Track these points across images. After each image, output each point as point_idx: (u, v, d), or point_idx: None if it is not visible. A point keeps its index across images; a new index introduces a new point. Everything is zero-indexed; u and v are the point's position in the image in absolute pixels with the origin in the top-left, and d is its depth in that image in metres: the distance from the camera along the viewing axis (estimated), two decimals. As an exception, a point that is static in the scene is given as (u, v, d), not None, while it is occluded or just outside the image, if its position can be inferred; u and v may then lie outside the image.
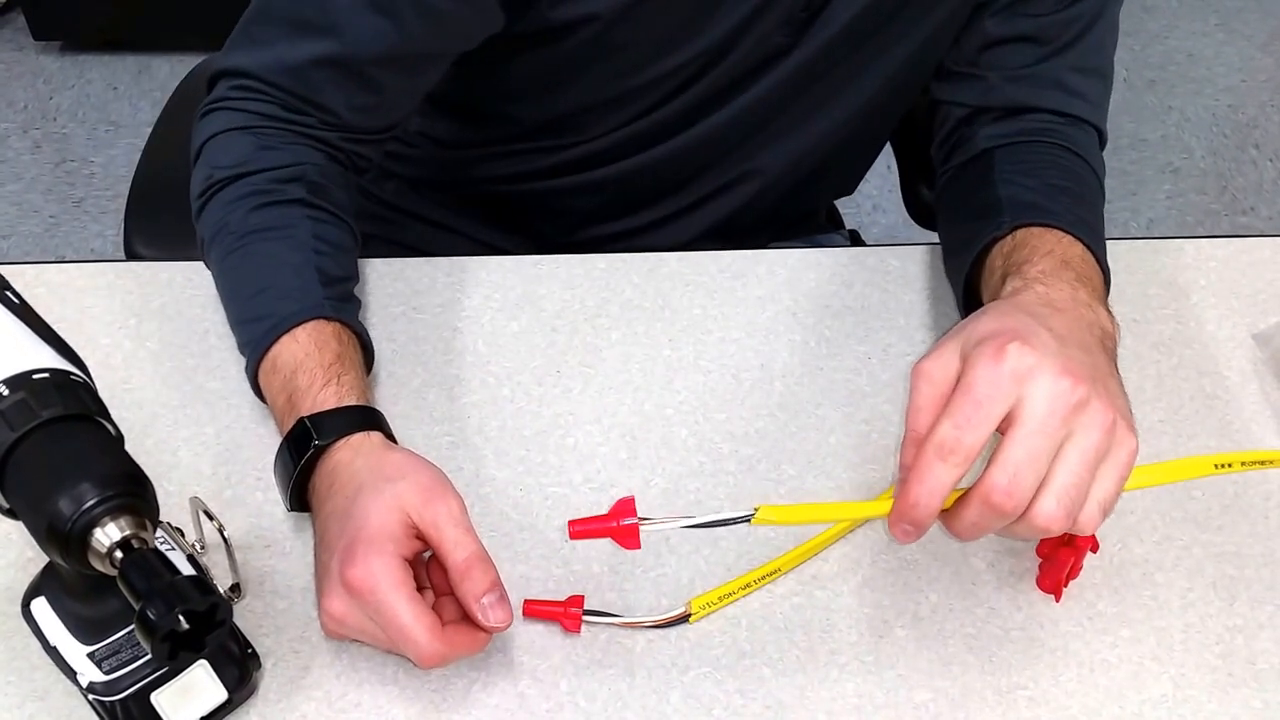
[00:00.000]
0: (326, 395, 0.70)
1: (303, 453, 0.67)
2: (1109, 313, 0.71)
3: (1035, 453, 0.57)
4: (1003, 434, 0.58)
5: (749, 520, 0.61)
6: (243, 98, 0.80)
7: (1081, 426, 0.57)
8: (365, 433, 0.68)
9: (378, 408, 0.72)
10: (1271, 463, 0.72)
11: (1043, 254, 0.74)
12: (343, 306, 0.76)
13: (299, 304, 0.74)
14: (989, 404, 0.57)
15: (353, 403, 0.70)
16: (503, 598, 0.62)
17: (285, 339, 0.72)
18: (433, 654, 0.61)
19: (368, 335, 0.77)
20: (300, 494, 0.69)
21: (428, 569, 0.66)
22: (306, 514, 0.71)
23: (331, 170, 0.82)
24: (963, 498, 0.58)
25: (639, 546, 0.62)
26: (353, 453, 0.67)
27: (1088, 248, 0.76)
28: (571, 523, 0.62)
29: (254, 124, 0.80)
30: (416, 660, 0.62)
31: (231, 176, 0.78)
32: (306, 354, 0.72)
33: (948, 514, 0.60)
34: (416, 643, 0.60)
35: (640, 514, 0.61)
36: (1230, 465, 0.66)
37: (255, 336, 0.74)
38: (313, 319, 0.73)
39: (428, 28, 0.77)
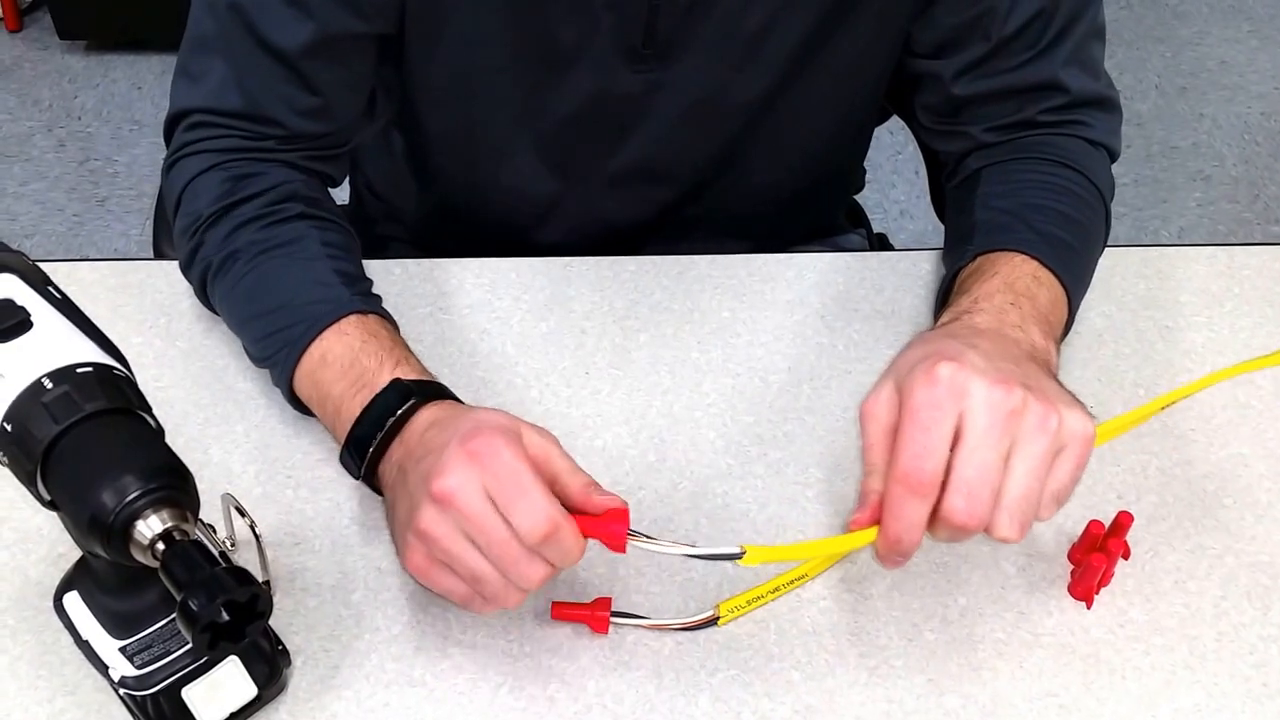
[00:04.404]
0: (404, 371, 0.70)
1: (401, 404, 0.67)
2: (1045, 331, 0.71)
3: (984, 468, 0.59)
4: (951, 451, 0.59)
5: (736, 558, 0.62)
6: (203, 138, 0.82)
7: (1024, 434, 0.59)
8: (453, 402, 0.69)
9: None
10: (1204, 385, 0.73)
11: (987, 278, 0.75)
12: (372, 301, 0.77)
13: (332, 304, 0.74)
14: (935, 427, 0.59)
15: (430, 379, 0.71)
16: (606, 492, 0.62)
17: (330, 334, 0.73)
18: (550, 518, 0.58)
19: (398, 326, 0.78)
20: (374, 464, 0.68)
21: None
22: (334, 514, 0.71)
23: (312, 183, 0.84)
24: (931, 523, 0.60)
25: (625, 550, 0.61)
26: (449, 407, 0.67)
27: (1044, 264, 0.76)
28: (579, 519, 0.61)
29: (221, 160, 0.81)
30: (532, 528, 0.58)
31: (220, 210, 0.79)
32: (363, 341, 0.72)
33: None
34: (537, 499, 0.58)
35: (639, 528, 0.62)
36: (1174, 400, 0.71)
37: (290, 340, 0.74)
38: (350, 314, 0.74)
39: (338, 6, 0.78)
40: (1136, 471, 0.77)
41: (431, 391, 0.69)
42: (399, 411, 0.67)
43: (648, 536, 0.62)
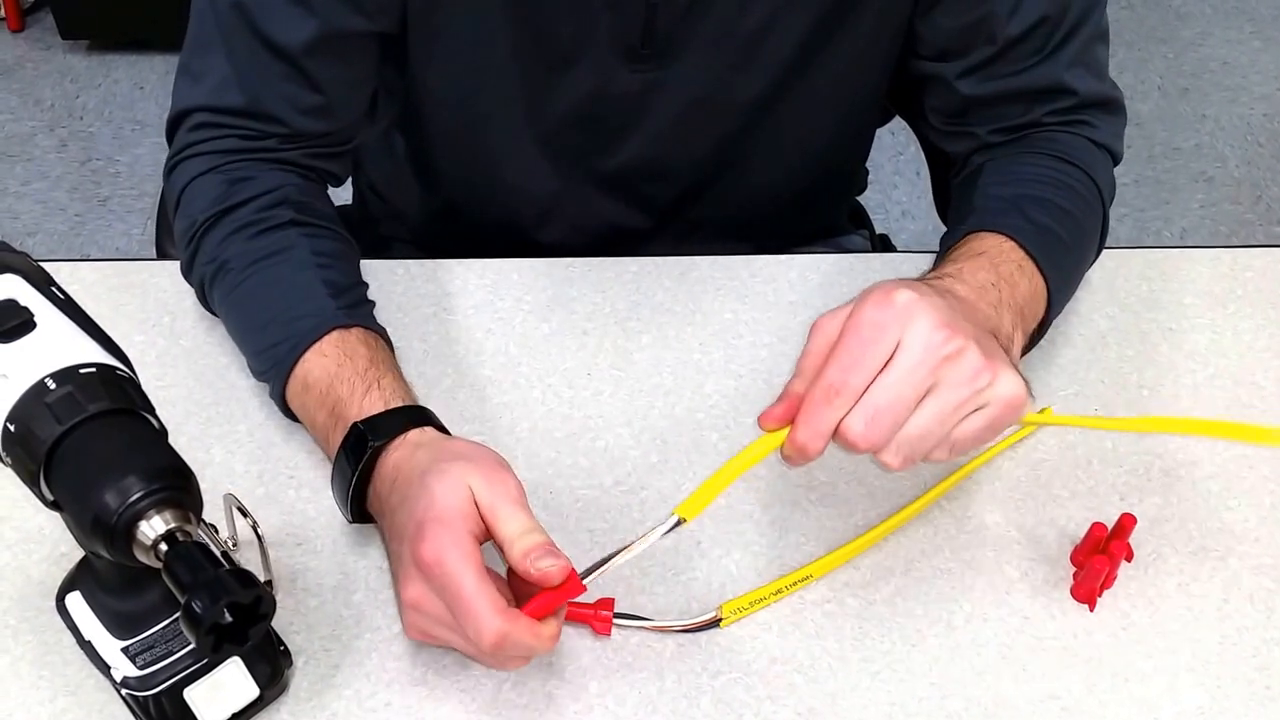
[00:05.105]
0: (372, 400, 0.70)
1: (360, 456, 0.67)
2: (1015, 321, 0.72)
3: (896, 400, 0.60)
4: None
5: (679, 525, 0.62)
6: (203, 139, 0.82)
7: (948, 380, 0.60)
8: (420, 429, 0.68)
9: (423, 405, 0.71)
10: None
11: (974, 254, 0.75)
12: (357, 312, 0.77)
13: (315, 319, 0.74)
14: (872, 345, 0.60)
15: (399, 404, 0.70)
16: (550, 552, 0.60)
17: (311, 355, 0.73)
18: (493, 631, 0.58)
19: (388, 335, 0.78)
20: (359, 502, 0.69)
21: (508, 582, 0.64)
22: (336, 514, 0.71)
23: (308, 187, 0.83)
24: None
25: (584, 590, 0.62)
26: (411, 448, 0.67)
27: (1030, 254, 0.76)
28: (534, 601, 0.61)
29: (220, 163, 0.81)
30: (478, 642, 0.59)
31: (214, 216, 0.79)
32: (339, 365, 0.72)
33: None
34: (478, 616, 0.58)
35: (642, 528, 0.64)
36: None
37: (278, 359, 0.74)
38: (333, 329, 0.73)
39: (340, 4, 0.78)
40: (1139, 473, 0.77)
41: (391, 427, 0.68)
42: (359, 467, 0.67)
43: (601, 564, 0.63)
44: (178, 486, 0.53)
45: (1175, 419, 0.80)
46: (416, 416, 0.69)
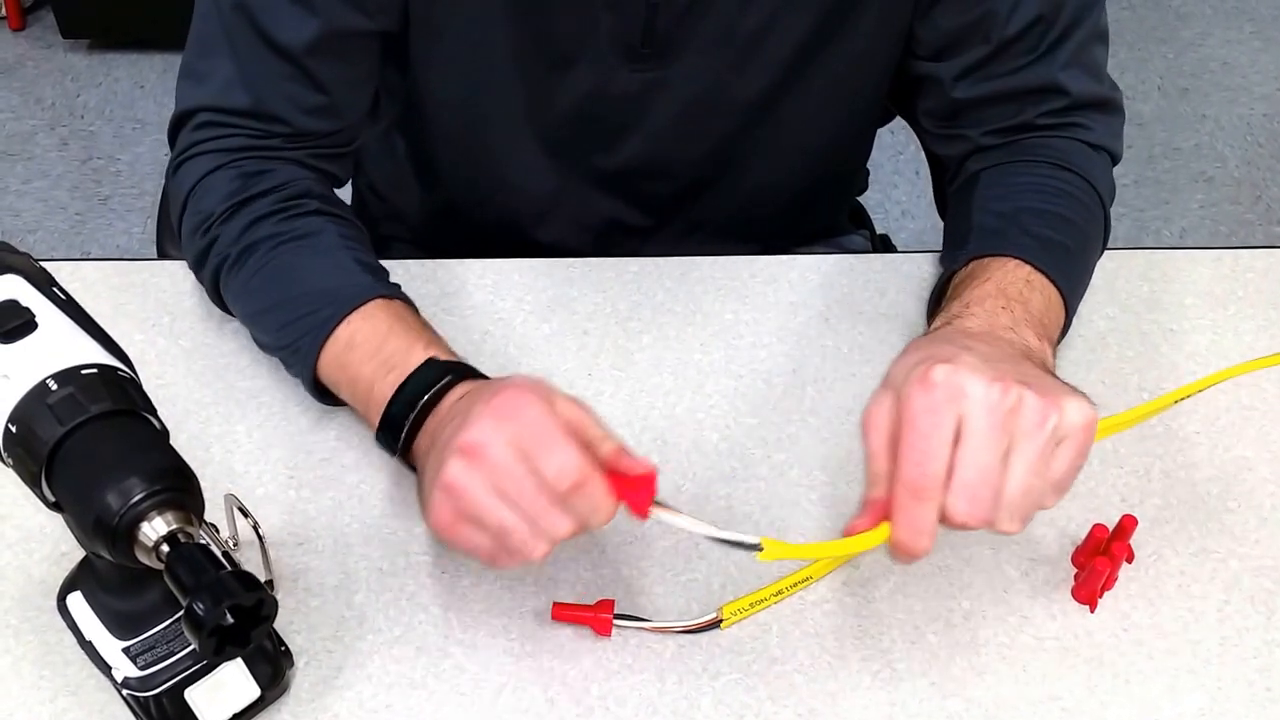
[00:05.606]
0: (437, 351, 0.71)
1: (435, 382, 0.67)
2: (1038, 334, 0.72)
3: (984, 470, 0.59)
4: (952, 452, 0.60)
5: (754, 549, 0.61)
6: (210, 137, 0.82)
7: (1022, 431, 0.59)
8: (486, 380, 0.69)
9: None
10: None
11: (980, 283, 0.75)
12: (394, 288, 0.77)
13: (356, 289, 0.75)
14: (934, 433, 0.59)
15: (461, 361, 0.71)
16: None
17: (356, 318, 0.73)
18: (577, 468, 0.58)
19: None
20: (409, 440, 0.68)
21: None
22: (336, 514, 0.71)
23: (323, 181, 0.84)
24: (940, 522, 0.61)
25: (647, 516, 0.61)
26: (480, 382, 0.68)
27: (1038, 269, 0.76)
28: (611, 476, 0.60)
29: (228, 160, 0.81)
30: (558, 477, 0.58)
31: (233, 207, 0.79)
32: (389, 326, 0.72)
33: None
34: (567, 449, 0.58)
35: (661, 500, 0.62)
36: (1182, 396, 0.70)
37: (314, 325, 0.74)
38: (377, 297, 0.74)
39: (342, 3, 0.78)
40: (1140, 474, 0.77)
41: (464, 371, 0.70)
42: (435, 388, 0.67)
43: (674, 509, 0.62)
44: (179, 488, 0.53)
45: (1185, 387, 0.77)
46: (480, 374, 0.70)
